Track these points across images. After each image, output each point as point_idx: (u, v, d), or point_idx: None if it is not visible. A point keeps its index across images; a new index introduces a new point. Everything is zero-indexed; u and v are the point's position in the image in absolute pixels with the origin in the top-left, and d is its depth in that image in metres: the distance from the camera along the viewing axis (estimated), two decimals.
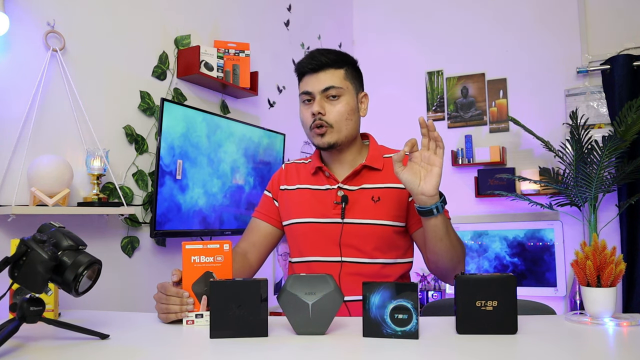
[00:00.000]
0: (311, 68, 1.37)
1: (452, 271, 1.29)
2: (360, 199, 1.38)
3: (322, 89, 1.36)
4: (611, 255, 1.08)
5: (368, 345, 0.95)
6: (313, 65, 1.36)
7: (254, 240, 1.47)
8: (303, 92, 1.39)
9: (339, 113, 1.36)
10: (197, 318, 1.12)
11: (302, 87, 1.40)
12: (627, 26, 3.21)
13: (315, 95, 1.36)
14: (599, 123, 3.22)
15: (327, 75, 1.36)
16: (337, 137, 1.37)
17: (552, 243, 3.21)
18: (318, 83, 1.36)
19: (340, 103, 1.37)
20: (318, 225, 1.39)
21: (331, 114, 1.36)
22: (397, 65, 3.77)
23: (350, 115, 1.38)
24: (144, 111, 2.06)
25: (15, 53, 1.61)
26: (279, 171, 1.54)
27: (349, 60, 1.42)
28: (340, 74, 1.38)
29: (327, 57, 1.36)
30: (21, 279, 0.95)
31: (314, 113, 1.35)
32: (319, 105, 1.35)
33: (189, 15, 2.32)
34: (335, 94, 1.36)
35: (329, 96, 1.36)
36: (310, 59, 1.37)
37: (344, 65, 1.39)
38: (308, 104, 1.39)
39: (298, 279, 1.02)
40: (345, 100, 1.37)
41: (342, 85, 1.37)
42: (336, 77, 1.37)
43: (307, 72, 1.38)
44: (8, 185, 1.56)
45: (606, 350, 0.95)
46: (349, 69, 1.40)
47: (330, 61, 1.37)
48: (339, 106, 1.36)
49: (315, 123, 1.35)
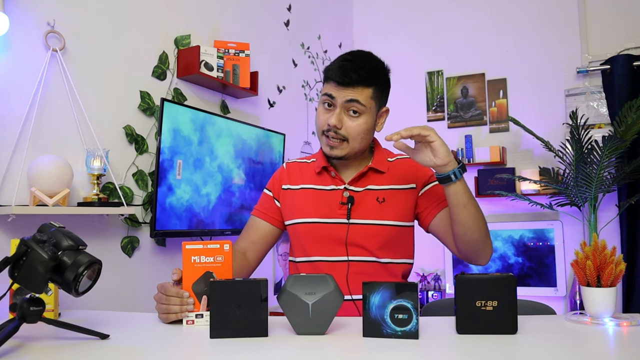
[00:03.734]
0: (339, 82, 1.32)
1: (483, 244, 1.30)
2: (365, 200, 1.39)
3: (345, 100, 1.33)
4: (611, 255, 1.08)
5: (368, 345, 0.95)
6: (343, 80, 1.31)
7: (253, 238, 1.47)
8: (326, 93, 1.35)
9: (355, 130, 1.34)
10: (197, 318, 1.12)
11: (327, 89, 1.36)
12: (627, 26, 3.21)
13: (336, 104, 1.33)
14: (599, 123, 3.22)
15: (355, 92, 1.32)
16: (348, 151, 1.37)
17: (552, 243, 3.21)
18: (343, 94, 1.33)
19: (359, 121, 1.34)
20: (324, 225, 1.39)
21: (348, 129, 1.34)
22: (397, 65, 3.72)
23: (365, 134, 1.37)
24: (144, 111, 2.06)
25: (15, 53, 1.61)
26: (280, 170, 1.54)
27: (380, 76, 1.36)
28: (368, 93, 1.34)
29: (359, 75, 1.31)
30: (21, 279, 0.95)
31: (329, 124, 1.33)
32: (337, 119, 1.33)
33: (189, 15, 2.32)
34: (357, 110, 1.33)
35: (350, 109, 1.33)
36: (342, 73, 1.32)
37: (373, 83, 1.34)
38: (328, 109, 1.36)
39: (298, 279, 1.02)
40: (364, 119, 1.35)
41: (365, 104, 1.33)
42: (363, 95, 1.33)
43: (334, 81, 1.33)
44: (8, 185, 1.56)
45: (606, 350, 0.95)
46: (378, 86, 1.36)
47: (361, 79, 1.32)
48: (357, 123, 1.34)
49: (331, 134, 1.35)
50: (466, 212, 1.25)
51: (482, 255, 1.33)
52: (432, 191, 1.41)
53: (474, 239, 1.29)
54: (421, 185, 1.42)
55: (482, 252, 1.32)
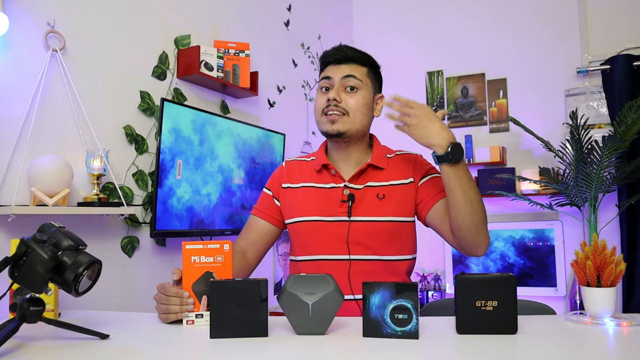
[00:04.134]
0: (336, 59, 1.41)
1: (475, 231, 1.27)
2: (365, 197, 1.40)
3: (342, 76, 1.38)
4: (611, 255, 1.08)
5: (368, 345, 0.95)
6: (338, 56, 1.40)
7: (252, 238, 1.47)
8: (323, 77, 1.42)
9: (355, 105, 1.38)
10: (197, 318, 1.12)
11: (324, 73, 1.43)
12: (627, 26, 3.21)
13: (334, 83, 1.39)
14: (599, 123, 3.22)
15: (350, 67, 1.40)
16: (350, 126, 1.38)
17: (552, 243, 3.21)
18: (339, 71, 1.40)
19: (358, 96, 1.39)
20: (325, 224, 1.39)
21: (348, 102, 1.38)
22: (397, 65, 3.76)
23: (365, 109, 1.40)
24: (144, 111, 2.06)
25: (15, 53, 1.61)
26: (280, 169, 1.54)
27: (373, 62, 1.46)
28: (363, 71, 1.42)
29: (354, 52, 1.42)
30: (21, 279, 0.95)
31: (329, 99, 1.37)
32: (336, 93, 1.38)
33: (189, 15, 2.32)
34: (354, 85, 1.39)
35: (348, 86, 1.39)
36: (337, 50, 1.42)
37: (367, 64, 1.44)
38: (325, 92, 1.41)
39: (298, 279, 1.02)
40: (362, 94, 1.40)
41: (362, 79, 1.40)
42: (358, 71, 1.41)
43: (331, 62, 1.42)
44: (8, 185, 1.56)
45: (606, 350, 0.95)
46: (371, 69, 1.44)
47: (356, 57, 1.42)
48: (356, 98, 1.39)
49: (331, 108, 1.37)
50: (455, 196, 1.26)
51: (477, 244, 1.29)
52: (429, 183, 1.41)
53: (466, 225, 1.27)
54: (419, 179, 1.43)
55: (476, 240, 1.29)
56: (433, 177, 1.42)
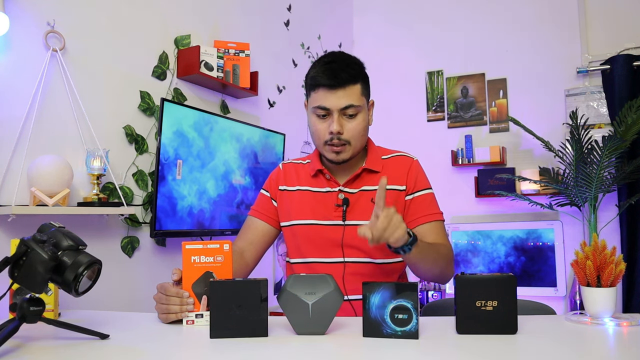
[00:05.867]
0: (330, 85, 1.31)
1: (440, 278, 1.36)
2: (360, 201, 1.39)
3: (341, 107, 1.32)
4: (611, 255, 1.08)
5: (368, 345, 0.95)
6: (333, 82, 1.30)
7: (251, 238, 1.48)
8: (319, 106, 1.33)
9: (356, 131, 1.34)
10: (197, 318, 1.12)
11: (318, 101, 1.33)
12: (627, 26, 3.21)
13: (332, 113, 1.32)
14: (599, 123, 3.22)
15: (346, 93, 1.31)
16: (353, 152, 1.37)
17: (552, 243, 3.21)
18: (337, 101, 1.31)
19: (357, 120, 1.34)
20: (320, 227, 1.39)
21: (349, 131, 1.34)
22: (397, 65, 3.77)
23: (364, 131, 1.38)
24: (144, 111, 2.06)
25: (15, 53, 1.61)
26: (277, 171, 1.54)
27: (363, 73, 1.37)
28: (358, 90, 1.34)
29: (347, 73, 1.31)
30: (21, 279, 0.95)
31: (332, 132, 1.32)
32: (338, 124, 1.32)
33: (189, 15, 2.32)
34: (353, 112, 1.33)
35: (347, 114, 1.33)
36: (330, 75, 1.31)
37: (359, 78, 1.35)
38: (323, 119, 1.35)
39: (298, 279, 1.02)
40: (361, 117, 1.35)
41: (359, 103, 1.33)
42: (354, 94, 1.33)
43: (324, 87, 1.32)
44: (8, 185, 1.56)
45: (606, 350, 0.95)
46: (363, 81, 1.36)
47: (349, 77, 1.32)
48: (356, 123, 1.34)
49: (334, 142, 1.33)
50: (415, 268, 1.30)
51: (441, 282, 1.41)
52: (416, 202, 1.40)
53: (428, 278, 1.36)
54: (409, 191, 1.41)
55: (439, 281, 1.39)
56: (421, 196, 1.41)
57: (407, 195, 1.40)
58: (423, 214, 1.38)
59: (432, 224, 1.39)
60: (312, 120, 1.37)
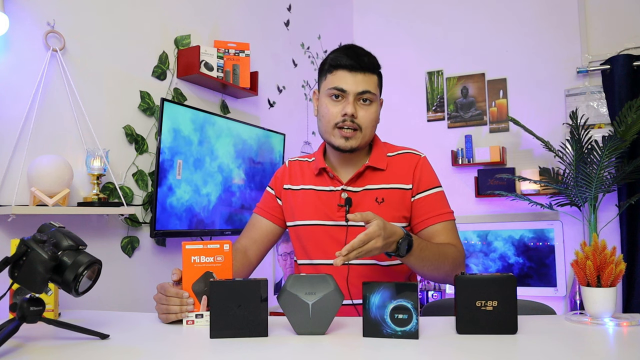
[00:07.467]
0: (352, 66, 1.30)
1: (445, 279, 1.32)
2: (364, 201, 1.37)
3: (358, 92, 1.31)
4: (611, 255, 1.08)
5: (368, 345, 0.95)
6: (355, 64, 1.29)
7: (254, 236, 1.47)
8: (336, 87, 1.31)
9: (369, 118, 1.34)
10: (197, 318, 1.12)
11: (335, 82, 1.31)
12: (627, 26, 3.21)
13: (349, 96, 1.31)
14: (599, 123, 3.22)
15: (366, 79, 1.31)
16: (361, 141, 1.35)
17: (552, 243, 3.21)
18: (355, 85, 1.30)
19: (371, 109, 1.34)
20: (323, 228, 1.38)
21: (362, 117, 1.32)
22: (397, 65, 3.77)
23: (375, 122, 1.37)
24: (144, 111, 2.06)
25: (15, 53, 1.61)
26: (282, 168, 1.53)
27: (379, 65, 1.38)
28: (375, 81, 1.34)
29: (370, 60, 1.32)
30: (21, 279, 0.95)
31: (346, 114, 1.30)
32: (352, 107, 1.30)
33: (189, 15, 2.32)
34: (368, 99, 1.33)
35: (362, 99, 1.32)
36: (353, 56, 1.30)
37: (377, 69, 1.35)
38: (336, 101, 1.32)
39: (298, 279, 1.01)
40: (375, 107, 1.35)
41: (375, 92, 1.33)
42: (372, 82, 1.33)
43: (344, 67, 1.30)
44: (8, 185, 1.56)
45: (606, 350, 0.95)
46: (379, 75, 1.37)
47: (371, 65, 1.32)
48: (370, 112, 1.33)
49: (346, 124, 1.31)
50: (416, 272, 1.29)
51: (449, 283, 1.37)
52: (425, 202, 1.37)
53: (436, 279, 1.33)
54: (417, 190, 1.38)
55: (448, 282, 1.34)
56: (429, 195, 1.38)
57: (413, 195, 1.37)
58: (433, 214, 1.35)
59: (443, 224, 1.35)
60: (325, 102, 1.35)
